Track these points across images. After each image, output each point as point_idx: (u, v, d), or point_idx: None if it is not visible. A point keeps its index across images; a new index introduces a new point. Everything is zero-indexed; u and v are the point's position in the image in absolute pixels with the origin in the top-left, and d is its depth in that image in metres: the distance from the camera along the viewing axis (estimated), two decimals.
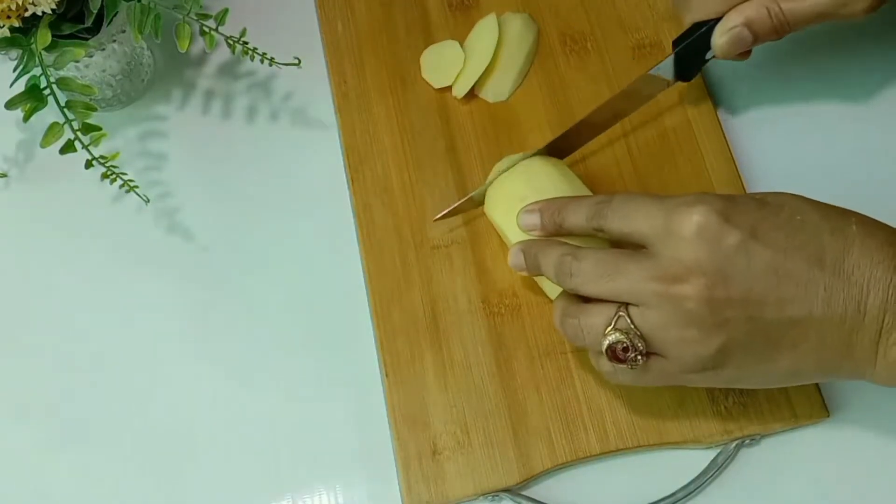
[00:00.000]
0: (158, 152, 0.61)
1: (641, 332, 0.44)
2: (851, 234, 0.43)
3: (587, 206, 0.47)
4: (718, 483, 0.51)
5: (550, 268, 0.47)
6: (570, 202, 0.49)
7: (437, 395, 0.52)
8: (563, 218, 0.48)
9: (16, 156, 0.61)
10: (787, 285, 0.42)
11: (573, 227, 0.48)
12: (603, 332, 0.44)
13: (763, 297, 0.42)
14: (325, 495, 0.52)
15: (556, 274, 0.47)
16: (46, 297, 0.57)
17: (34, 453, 0.54)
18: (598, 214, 0.46)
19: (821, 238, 0.43)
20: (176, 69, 0.63)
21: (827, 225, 0.43)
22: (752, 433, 0.51)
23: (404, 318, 0.54)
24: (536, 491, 0.51)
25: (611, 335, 0.44)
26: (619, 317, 0.44)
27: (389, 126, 0.59)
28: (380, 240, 0.56)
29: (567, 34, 0.61)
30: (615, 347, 0.44)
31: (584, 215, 0.47)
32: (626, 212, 0.45)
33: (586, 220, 0.47)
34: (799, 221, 0.43)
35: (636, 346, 0.44)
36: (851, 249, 0.42)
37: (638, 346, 0.44)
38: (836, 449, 0.52)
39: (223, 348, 0.56)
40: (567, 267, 0.46)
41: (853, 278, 0.42)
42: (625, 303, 0.44)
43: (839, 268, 0.42)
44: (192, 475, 0.53)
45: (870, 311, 0.42)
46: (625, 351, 0.44)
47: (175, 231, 0.59)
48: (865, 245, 0.42)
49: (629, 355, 0.44)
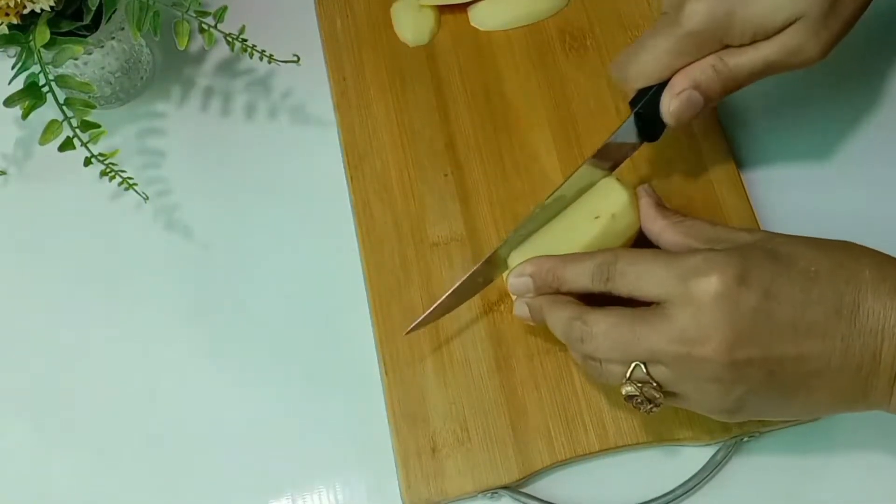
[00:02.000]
0: (157, 150, 0.61)
1: (658, 382, 0.44)
2: (865, 281, 0.42)
3: (589, 270, 0.46)
4: (717, 480, 0.51)
5: (559, 330, 0.46)
6: (567, 264, 0.47)
7: (437, 392, 0.52)
8: (560, 282, 0.47)
9: (14, 153, 0.61)
10: (806, 340, 0.42)
11: (574, 289, 0.47)
12: (620, 381, 0.44)
13: (783, 354, 0.42)
14: (325, 493, 0.52)
15: (567, 339, 0.46)
16: (45, 295, 0.57)
17: (31, 452, 0.54)
18: (603, 278, 0.45)
19: (836, 288, 0.42)
20: (175, 67, 0.63)
21: (841, 274, 0.43)
22: (751, 430, 0.51)
23: (404, 316, 0.54)
24: (536, 488, 0.51)
25: (627, 386, 0.44)
26: (635, 366, 0.44)
27: (389, 123, 0.59)
28: (379, 237, 0.56)
29: (566, 31, 0.61)
30: (632, 399, 0.44)
31: (586, 279, 0.46)
32: (634, 276, 0.44)
33: (590, 283, 0.46)
34: (813, 273, 0.43)
35: (652, 398, 0.44)
36: (866, 296, 0.42)
37: (655, 397, 0.44)
38: (835, 446, 0.52)
39: (222, 346, 0.56)
40: (578, 333, 0.45)
41: (868, 326, 0.42)
42: None
43: (854, 317, 0.42)
44: (191, 472, 0.53)
45: (885, 358, 0.42)
46: (639, 403, 0.44)
47: (174, 228, 0.58)
48: (878, 291, 0.42)
49: (644, 407, 0.44)
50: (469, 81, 0.60)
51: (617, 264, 0.45)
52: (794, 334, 0.42)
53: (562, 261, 0.47)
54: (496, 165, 0.58)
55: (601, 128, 0.58)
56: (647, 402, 0.44)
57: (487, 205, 0.57)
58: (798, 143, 0.59)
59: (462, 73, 0.60)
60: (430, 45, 0.61)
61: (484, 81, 0.60)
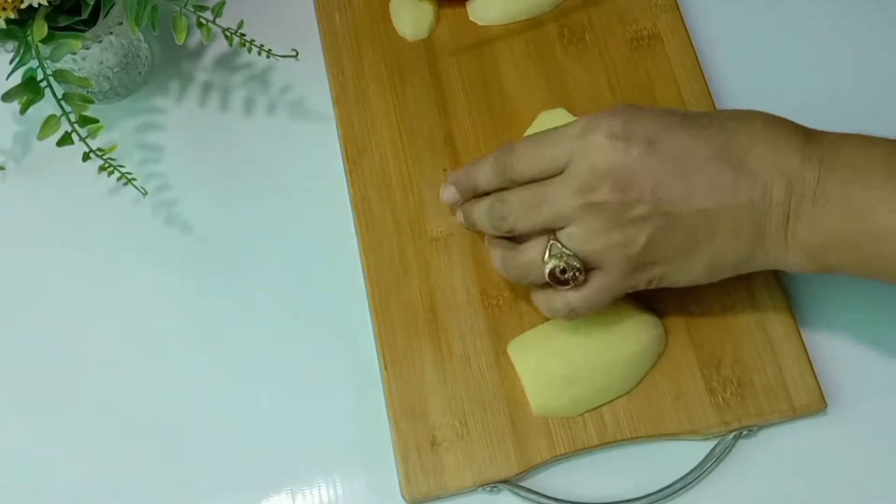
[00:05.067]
0: (156, 145, 0.61)
1: (573, 250, 0.47)
2: (757, 129, 0.46)
3: (491, 165, 0.50)
4: (716, 474, 0.51)
5: (484, 220, 0.51)
6: (473, 167, 0.52)
7: (436, 386, 0.52)
8: (474, 182, 0.52)
9: (13, 148, 0.61)
10: (694, 178, 0.45)
11: (487, 186, 0.51)
12: (541, 262, 0.47)
13: (672, 191, 0.45)
14: (325, 487, 0.52)
15: (490, 222, 0.50)
16: (44, 290, 0.57)
17: (31, 446, 0.54)
18: (501, 167, 0.49)
19: (726, 134, 0.45)
20: (173, 61, 0.63)
21: (732, 124, 0.46)
22: (749, 424, 0.51)
23: (403, 311, 0.54)
24: (535, 482, 0.52)
25: (549, 262, 0.47)
26: (551, 244, 0.47)
27: (387, 118, 0.59)
28: (378, 232, 0.56)
29: (565, 26, 0.61)
30: (555, 271, 0.47)
31: (490, 173, 0.50)
32: (531, 155, 0.48)
33: (495, 176, 0.50)
34: (705, 124, 0.46)
35: (572, 265, 0.47)
36: (756, 142, 0.45)
37: (574, 264, 0.47)
38: (833, 440, 0.52)
39: (221, 341, 0.56)
40: (497, 212, 0.49)
41: (757, 166, 0.45)
42: (553, 230, 0.47)
43: (744, 159, 0.45)
44: (189, 467, 0.53)
45: (775, 197, 0.44)
46: (563, 272, 0.47)
47: (173, 223, 0.58)
48: (768, 137, 0.45)
49: (569, 275, 0.47)
50: (468, 76, 0.60)
51: (513, 151, 0.49)
52: (681, 172, 0.45)
53: (470, 166, 0.52)
54: None
55: None
56: (569, 269, 0.47)
57: None
58: None
59: (461, 68, 0.60)
60: (429, 40, 0.61)
61: (483, 76, 0.60)
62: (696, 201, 0.45)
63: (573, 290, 0.48)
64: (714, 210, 0.45)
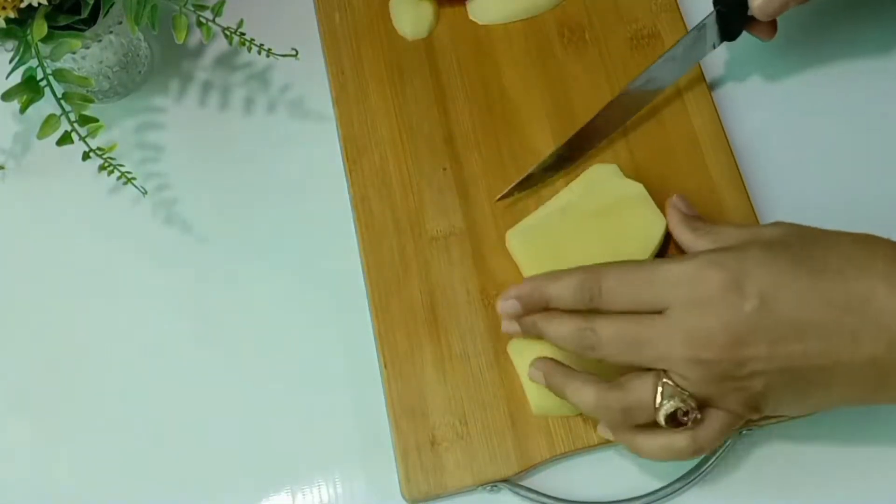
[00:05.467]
0: (156, 144, 0.61)
1: (689, 391, 0.44)
2: (877, 273, 0.42)
3: (570, 290, 0.45)
4: (716, 472, 0.51)
5: (567, 340, 0.46)
6: (546, 283, 0.46)
7: (436, 386, 0.52)
8: (547, 299, 0.46)
9: (13, 148, 0.61)
10: (810, 338, 0.42)
11: (562, 306, 0.46)
12: (654, 405, 0.44)
13: (787, 352, 0.42)
14: (325, 486, 0.52)
15: (577, 347, 0.45)
16: (44, 289, 0.57)
17: (29, 446, 0.54)
18: (586, 298, 0.45)
19: (844, 283, 0.42)
20: (173, 61, 0.63)
21: (850, 269, 0.43)
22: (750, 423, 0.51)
23: (403, 310, 0.54)
24: (535, 481, 0.52)
25: (666, 404, 0.43)
26: (664, 383, 0.44)
27: (387, 117, 0.59)
28: (378, 231, 0.56)
29: (565, 25, 0.61)
30: (676, 414, 0.44)
31: (571, 295, 0.45)
32: (626, 289, 0.44)
33: (576, 299, 0.45)
34: (820, 270, 0.43)
35: (691, 406, 0.44)
36: (877, 290, 0.42)
37: (692, 405, 0.44)
38: (833, 439, 0.52)
39: (221, 340, 0.56)
40: (588, 341, 0.45)
41: (879, 321, 0.42)
42: (660, 370, 0.44)
43: (864, 311, 0.42)
44: (190, 466, 0.53)
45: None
46: (685, 415, 0.44)
47: (172, 223, 0.58)
48: (892, 283, 0.42)
49: (689, 417, 0.44)
50: (468, 75, 0.60)
51: (604, 281, 0.45)
52: (797, 331, 0.42)
53: (543, 278, 0.47)
54: (495, 159, 0.58)
55: None
56: (690, 410, 0.43)
57: (486, 198, 0.57)
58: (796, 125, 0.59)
59: (461, 67, 0.60)
60: (429, 39, 0.61)
61: (483, 75, 0.60)
62: (814, 359, 0.42)
63: (690, 429, 0.44)
64: (832, 366, 0.42)
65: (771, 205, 0.57)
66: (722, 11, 0.53)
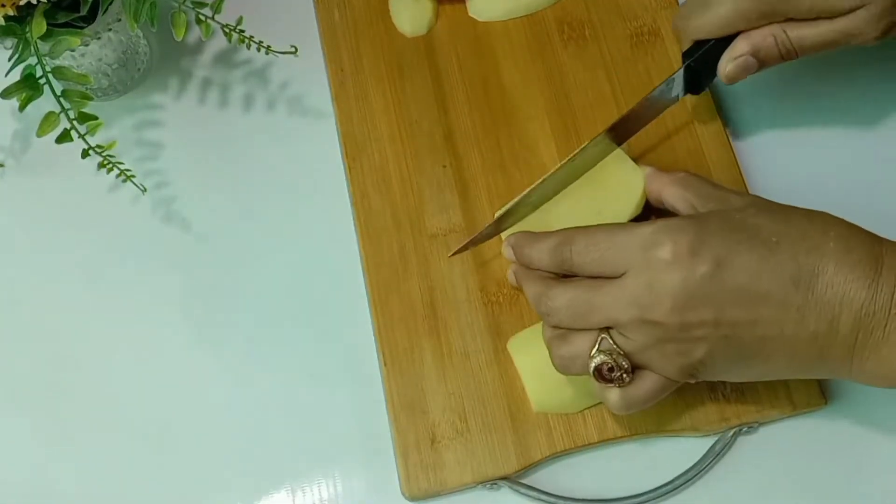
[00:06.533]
0: (155, 141, 0.61)
1: (624, 350, 0.45)
2: (828, 252, 0.43)
3: (547, 252, 0.48)
4: (716, 471, 0.51)
5: (531, 300, 0.48)
6: (531, 242, 0.49)
7: (436, 383, 0.52)
8: (528, 259, 0.49)
9: (12, 145, 0.61)
10: (758, 308, 0.43)
11: (540, 267, 0.49)
12: (588, 356, 0.45)
13: (735, 318, 0.43)
14: (325, 484, 0.52)
15: (536, 308, 0.48)
16: (43, 287, 0.57)
17: (27, 445, 0.54)
18: (559, 259, 0.47)
19: (796, 258, 0.43)
20: (172, 58, 0.63)
21: (803, 244, 0.43)
22: (749, 421, 0.51)
23: (402, 307, 0.54)
24: (534, 479, 0.52)
25: (596, 357, 0.45)
26: (601, 339, 0.45)
27: (387, 114, 0.59)
28: (377, 229, 0.56)
29: (565, 22, 0.61)
30: (601, 368, 0.45)
31: (547, 258, 0.48)
32: (595, 253, 0.46)
33: (550, 264, 0.48)
34: (774, 242, 0.44)
35: (620, 365, 0.45)
36: (826, 268, 0.43)
37: (622, 364, 0.45)
38: (833, 437, 0.52)
39: (221, 338, 0.56)
40: (543, 306, 0.47)
41: (826, 297, 0.43)
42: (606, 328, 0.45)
43: (812, 288, 0.43)
44: (190, 464, 0.53)
45: (842, 330, 0.43)
46: (610, 371, 0.45)
47: (172, 220, 0.58)
48: (841, 263, 0.43)
49: (615, 374, 0.45)
50: (467, 72, 0.60)
51: (574, 245, 0.46)
52: (746, 300, 0.43)
53: (526, 239, 0.50)
54: (494, 156, 0.58)
55: (600, 118, 0.58)
56: (616, 368, 0.45)
57: (486, 196, 0.57)
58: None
59: (460, 64, 0.60)
60: (429, 36, 0.61)
61: (482, 72, 0.60)
62: (759, 329, 0.43)
63: (619, 387, 0.46)
64: (776, 338, 0.43)
65: None
66: (691, 66, 0.53)
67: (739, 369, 0.46)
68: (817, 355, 0.44)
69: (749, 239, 0.44)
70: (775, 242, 0.44)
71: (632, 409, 0.47)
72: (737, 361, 0.45)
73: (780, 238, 0.44)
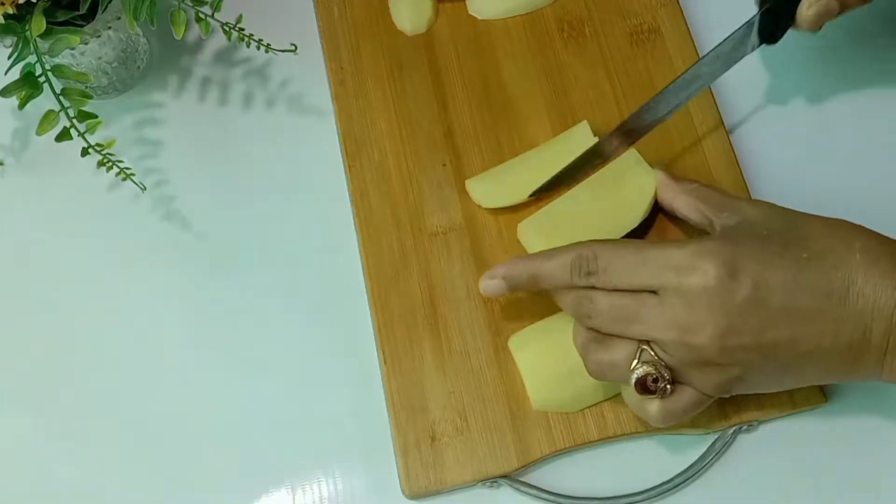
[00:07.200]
0: (155, 140, 0.60)
1: (666, 363, 0.45)
2: (855, 264, 0.44)
3: (567, 266, 0.47)
4: (716, 469, 0.51)
5: (567, 304, 0.48)
6: (543, 262, 0.48)
7: (436, 381, 0.52)
8: (537, 280, 0.48)
9: (11, 144, 0.61)
10: (797, 325, 0.44)
11: (552, 286, 0.48)
12: (629, 367, 0.45)
13: (775, 339, 0.44)
14: (325, 482, 0.52)
15: (575, 312, 0.47)
16: (43, 286, 0.57)
17: (27, 444, 0.54)
18: (583, 273, 0.46)
19: (827, 273, 0.44)
20: (172, 56, 0.63)
21: (832, 259, 0.44)
22: (749, 419, 0.51)
23: (402, 306, 0.54)
24: (534, 477, 0.52)
25: (638, 368, 0.45)
26: (642, 350, 0.45)
27: (386, 112, 0.59)
28: (377, 227, 0.56)
29: (565, 20, 0.61)
30: (644, 379, 0.45)
31: (565, 276, 0.47)
32: (622, 270, 0.45)
33: (570, 279, 0.47)
34: (805, 259, 0.44)
35: (664, 376, 0.45)
36: (856, 279, 0.44)
37: (665, 375, 0.45)
38: (833, 435, 0.52)
39: (221, 336, 0.56)
40: (585, 308, 0.47)
41: (858, 307, 0.44)
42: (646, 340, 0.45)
43: (845, 299, 0.44)
44: (189, 462, 0.53)
45: (874, 337, 0.44)
46: (654, 382, 0.45)
47: (172, 219, 0.58)
48: (869, 274, 0.44)
49: (659, 385, 0.45)
50: (467, 70, 0.60)
51: (599, 259, 0.46)
52: (785, 320, 0.44)
53: (538, 259, 0.48)
54: (494, 154, 0.58)
55: (599, 116, 0.58)
56: (661, 379, 0.45)
57: None
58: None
59: (460, 62, 0.60)
60: (428, 34, 0.61)
61: (482, 70, 0.60)
62: (798, 346, 0.44)
63: (660, 399, 0.46)
64: (813, 351, 0.44)
65: None
66: (768, 11, 0.51)
67: (774, 382, 0.46)
68: (851, 363, 0.45)
69: (780, 256, 0.44)
70: (805, 258, 0.44)
71: (669, 422, 0.47)
72: (772, 376, 0.46)
73: (809, 254, 0.44)
